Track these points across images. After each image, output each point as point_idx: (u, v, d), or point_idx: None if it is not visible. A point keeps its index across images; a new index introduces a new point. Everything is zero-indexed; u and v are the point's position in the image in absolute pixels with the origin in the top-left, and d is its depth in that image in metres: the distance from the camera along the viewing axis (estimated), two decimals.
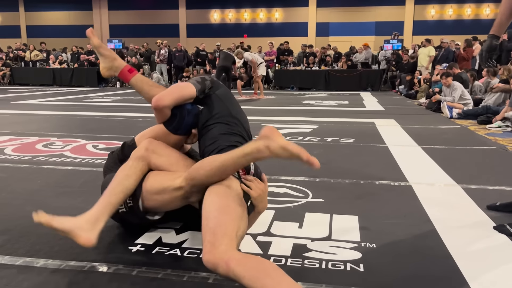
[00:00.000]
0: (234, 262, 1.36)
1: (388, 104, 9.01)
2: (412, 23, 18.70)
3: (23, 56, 16.38)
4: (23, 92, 11.96)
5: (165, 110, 1.96)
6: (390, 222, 2.22)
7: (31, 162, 3.56)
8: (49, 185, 2.90)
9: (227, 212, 1.57)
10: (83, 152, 3.94)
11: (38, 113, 7.18)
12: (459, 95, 7.09)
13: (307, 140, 4.65)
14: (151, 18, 20.61)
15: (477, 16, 18.03)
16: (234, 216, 1.57)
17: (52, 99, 9.93)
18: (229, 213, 1.56)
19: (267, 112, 7.44)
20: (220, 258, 1.39)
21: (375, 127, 5.63)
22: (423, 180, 3.05)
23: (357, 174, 3.20)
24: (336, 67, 14.17)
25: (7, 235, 2.02)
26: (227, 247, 1.43)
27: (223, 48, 14.69)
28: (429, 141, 4.57)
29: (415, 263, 1.77)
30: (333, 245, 1.92)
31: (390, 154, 3.92)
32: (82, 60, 15.56)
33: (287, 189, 2.78)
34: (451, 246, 1.91)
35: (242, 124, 1.97)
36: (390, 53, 13.86)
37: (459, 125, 6.03)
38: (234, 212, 1.58)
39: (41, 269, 1.69)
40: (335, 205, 2.49)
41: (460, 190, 2.81)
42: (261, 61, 10.67)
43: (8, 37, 20.53)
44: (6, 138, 4.60)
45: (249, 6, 20.09)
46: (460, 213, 2.38)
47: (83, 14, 21.39)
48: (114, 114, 6.95)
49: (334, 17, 19.31)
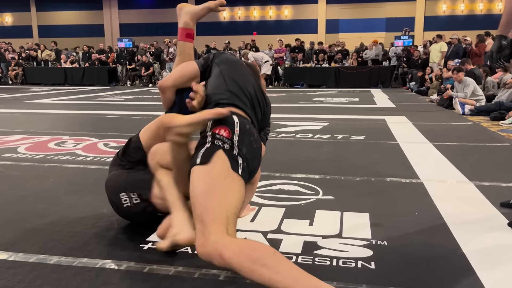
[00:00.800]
0: (228, 254, 1.32)
1: (399, 101, 8.93)
2: (423, 19, 18.50)
3: (34, 56, 16.56)
4: (35, 92, 12.09)
5: (167, 91, 1.96)
6: (402, 220, 2.21)
7: (43, 160, 3.60)
8: (62, 183, 2.93)
9: (212, 195, 1.48)
10: (94, 151, 3.98)
11: (50, 112, 7.25)
12: (471, 91, 7.01)
13: (317, 137, 4.63)
14: (161, 16, 20.68)
15: (490, 11, 17.78)
16: (220, 197, 1.48)
17: (63, 98, 10.02)
18: (214, 195, 1.48)
19: (277, 109, 7.43)
20: (213, 250, 1.35)
21: (386, 124, 5.59)
22: (435, 177, 3.02)
23: (368, 171, 3.18)
24: (346, 64, 14.09)
25: (20, 233, 2.05)
26: (217, 236, 1.38)
27: (233, 46, 14.73)
28: (441, 138, 4.52)
29: (427, 260, 1.76)
30: (344, 243, 1.91)
31: (401, 151, 3.89)
32: (93, 59, 15.68)
33: (298, 186, 2.78)
34: (464, 244, 1.89)
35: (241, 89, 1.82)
36: (401, 50, 13.74)
37: (472, 121, 5.96)
38: (220, 192, 1.49)
39: (54, 266, 1.71)
40: (346, 202, 2.48)
41: (472, 187, 2.78)
42: (266, 59, 10.69)
43: (20, 37, 20.77)
44: (19, 137, 4.66)
45: (258, 3, 20.05)
46: (473, 211, 2.35)
47: (93, 14, 21.55)
48: (125, 113, 6.99)
49: (344, 13, 19.19)
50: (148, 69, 14.97)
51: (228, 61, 1.95)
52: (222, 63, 1.92)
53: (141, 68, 15.03)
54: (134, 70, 15.30)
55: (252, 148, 1.68)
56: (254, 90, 1.88)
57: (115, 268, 1.69)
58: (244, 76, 1.91)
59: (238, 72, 1.91)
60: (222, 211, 1.44)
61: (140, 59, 15.33)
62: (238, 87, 1.82)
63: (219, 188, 1.50)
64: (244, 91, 1.82)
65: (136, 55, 15.73)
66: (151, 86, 14.48)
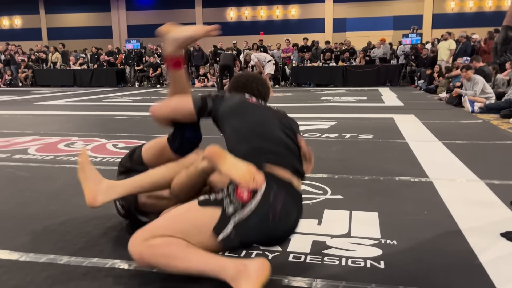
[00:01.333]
0: (146, 255, 1.49)
1: (407, 99, 8.88)
2: (431, 17, 18.36)
3: (44, 58, 16.71)
4: (45, 93, 12.20)
5: (161, 121, 1.89)
6: (411, 219, 2.19)
7: (53, 161, 3.63)
8: (71, 184, 2.95)
9: (176, 221, 1.56)
10: (103, 151, 4.01)
11: (59, 114, 7.32)
12: (481, 89, 6.94)
13: (325, 136, 4.62)
14: (168, 17, 20.65)
15: (499, 8, 17.57)
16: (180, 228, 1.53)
17: (73, 100, 10.10)
18: (177, 224, 1.55)
19: (285, 109, 7.37)
20: (134, 251, 1.51)
21: (394, 122, 5.56)
22: (445, 176, 3.00)
23: (376, 170, 3.16)
24: (354, 63, 14.04)
25: (31, 233, 2.07)
26: (141, 240, 1.51)
27: (239, 46, 14.77)
28: (450, 136, 4.49)
29: (437, 260, 1.74)
30: (352, 242, 1.91)
31: (410, 150, 3.87)
32: (102, 61, 15.79)
33: (306, 186, 2.77)
34: (474, 243, 1.88)
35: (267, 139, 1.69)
36: (409, 48, 13.65)
37: (481, 119, 5.91)
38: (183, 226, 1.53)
39: (64, 266, 1.72)
40: (355, 201, 2.47)
41: (483, 185, 2.75)
42: (269, 59, 10.73)
43: (30, 40, 20.94)
44: (29, 138, 4.70)
45: (265, 3, 20.04)
46: (484, 209, 2.33)
47: (101, 16, 21.69)
48: (133, 114, 7.03)
49: (351, 12, 19.10)
50: (156, 70, 15.03)
51: (235, 110, 1.76)
52: (231, 116, 1.75)
53: (149, 69, 15.10)
54: (142, 71, 15.38)
55: (265, 221, 1.52)
56: (278, 125, 1.74)
57: (125, 268, 1.70)
58: (262, 117, 1.75)
59: (254, 120, 1.73)
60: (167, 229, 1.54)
61: (148, 60, 15.40)
62: (264, 139, 1.67)
63: (186, 224, 1.54)
64: (271, 139, 1.68)
65: (144, 56, 15.81)
66: (159, 87, 14.54)
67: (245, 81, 1.98)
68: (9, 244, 1.93)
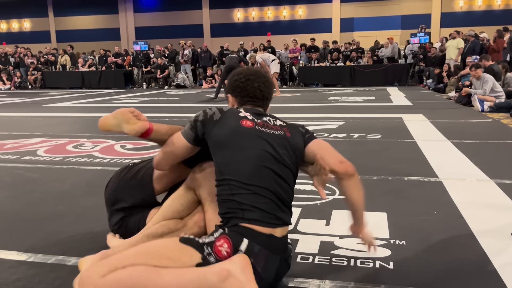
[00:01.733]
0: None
1: (415, 98, 8.82)
2: (440, 15, 18.23)
3: (52, 60, 16.85)
4: (54, 95, 12.30)
5: (169, 169, 1.79)
6: (420, 219, 2.17)
7: (62, 163, 3.65)
8: (80, 185, 2.97)
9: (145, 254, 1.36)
10: (111, 153, 4.02)
11: (68, 115, 7.37)
12: (490, 88, 6.87)
13: (333, 136, 4.60)
14: (175, 19, 20.83)
15: (508, 6, 17.41)
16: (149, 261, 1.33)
17: (81, 101, 10.17)
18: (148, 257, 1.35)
19: (293, 109, 7.40)
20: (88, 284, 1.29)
21: (402, 122, 5.52)
22: (454, 176, 2.97)
23: (385, 170, 3.14)
24: (362, 63, 13.98)
25: (40, 234, 2.08)
26: (99, 276, 1.28)
27: (246, 47, 14.78)
28: (460, 136, 4.44)
29: (447, 260, 1.72)
30: (361, 243, 1.89)
31: (419, 149, 3.83)
32: (110, 63, 15.89)
33: (314, 186, 2.75)
34: (485, 243, 1.85)
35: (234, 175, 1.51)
36: (417, 47, 13.56)
37: (491, 118, 5.85)
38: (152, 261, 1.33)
39: (72, 267, 1.73)
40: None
41: (493, 185, 2.72)
42: (273, 58, 10.76)
43: (39, 42, 21.15)
44: (38, 140, 4.74)
45: (272, 4, 20.04)
46: (494, 209, 2.30)
47: (109, 18, 21.84)
48: None
49: (359, 12, 19.04)
50: (164, 71, 15.09)
51: (224, 144, 1.57)
52: (218, 150, 1.58)
53: (157, 71, 15.16)
54: (149, 72, 15.44)
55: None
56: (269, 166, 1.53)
57: None
58: (251, 162, 1.52)
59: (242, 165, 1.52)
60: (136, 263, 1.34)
61: (155, 61, 15.46)
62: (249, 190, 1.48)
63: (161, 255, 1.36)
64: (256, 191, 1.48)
65: (151, 58, 15.88)
66: (166, 88, 14.59)
67: (245, 81, 1.75)
68: (18, 245, 1.94)
